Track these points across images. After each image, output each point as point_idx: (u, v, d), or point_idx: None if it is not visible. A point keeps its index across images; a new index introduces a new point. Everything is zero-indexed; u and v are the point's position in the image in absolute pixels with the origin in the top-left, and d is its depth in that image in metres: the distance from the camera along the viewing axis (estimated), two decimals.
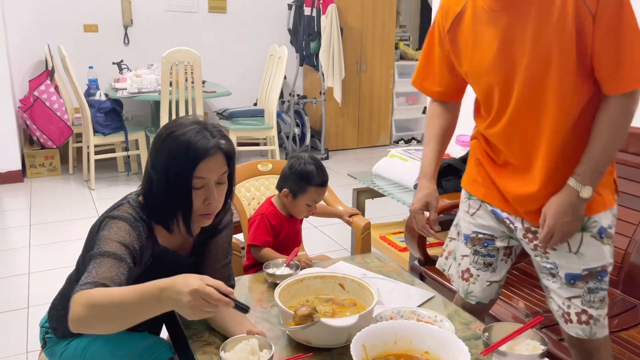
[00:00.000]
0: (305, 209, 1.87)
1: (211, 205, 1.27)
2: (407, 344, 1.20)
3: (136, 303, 1.06)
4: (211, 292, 1.03)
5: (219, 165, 1.26)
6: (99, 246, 1.20)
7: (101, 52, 5.07)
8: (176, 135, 1.23)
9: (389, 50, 5.83)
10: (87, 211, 3.92)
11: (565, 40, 1.20)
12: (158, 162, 1.25)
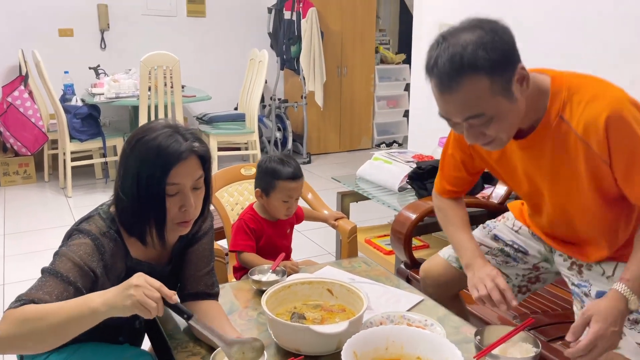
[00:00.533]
0: (282, 206, 1.78)
1: (188, 212, 1.21)
2: (399, 350, 1.17)
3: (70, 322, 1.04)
4: (153, 281, 1.05)
5: (194, 170, 1.20)
6: (53, 262, 1.16)
7: (77, 56, 4.97)
8: (146, 140, 1.18)
9: (369, 54, 5.84)
10: (63, 219, 3.82)
11: (582, 177, 1.25)
12: (128, 170, 1.19)
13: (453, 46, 1.11)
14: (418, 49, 3.28)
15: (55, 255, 1.18)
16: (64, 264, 1.15)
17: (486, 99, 1.12)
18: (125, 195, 1.19)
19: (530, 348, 1.20)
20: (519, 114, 1.19)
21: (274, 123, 5.46)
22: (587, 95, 1.18)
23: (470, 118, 1.16)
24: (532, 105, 1.21)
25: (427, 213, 2.21)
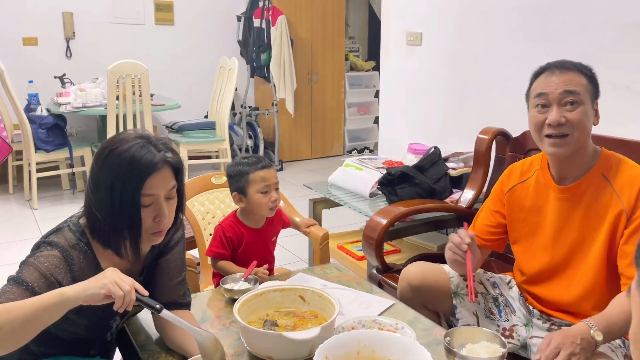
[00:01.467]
0: (263, 199, 1.72)
1: (162, 222, 1.21)
2: (371, 354, 1.19)
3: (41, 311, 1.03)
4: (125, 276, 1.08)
5: (167, 180, 1.20)
6: (20, 271, 1.14)
7: (42, 66, 4.87)
8: (119, 151, 1.17)
9: (339, 61, 5.89)
10: (29, 232, 3.73)
11: (603, 231, 1.41)
12: (101, 182, 1.18)
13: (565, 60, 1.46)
14: (386, 56, 3.33)
15: (22, 265, 1.16)
16: (30, 274, 1.13)
17: (582, 88, 1.39)
18: (99, 209, 1.18)
19: (497, 348, 1.23)
20: (589, 132, 1.41)
21: (245, 131, 5.45)
22: (629, 164, 1.43)
23: (567, 93, 1.39)
24: (583, 160, 1.44)
25: (397, 218, 2.24)
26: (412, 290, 1.66)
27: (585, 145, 1.43)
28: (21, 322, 1.02)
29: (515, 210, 1.59)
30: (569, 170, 1.46)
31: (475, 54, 2.75)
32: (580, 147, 1.41)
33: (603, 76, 2.16)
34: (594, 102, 1.42)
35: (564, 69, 1.41)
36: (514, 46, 2.53)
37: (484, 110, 2.71)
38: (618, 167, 1.42)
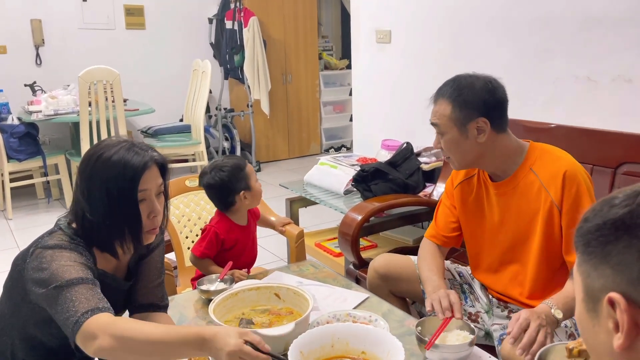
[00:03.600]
0: (260, 186, 1.84)
1: (156, 219, 1.25)
2: (345, 346, 1.22)
3: (174, 345, 1.06)
4: (249, 352, 1.04)
5: (156, 177, 1.24)
6: (56, 279, 1.12)
7: (11, 74, 4.79)
8: (106, 157, 1.20)
9: (313, 60, 5.92)
10: (4, 243, 3.67)
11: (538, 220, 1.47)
12: (93, 188, 1.20)
13: (453, 80, 1.52)
14: (357, 54, 3.37)
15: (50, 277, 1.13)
16: (71, 271, 1.13)
17: (443, 119, 1.47)
18: (95, 214, 1.20)
19: (467, 335, 1.27)
20: (472, 152, 1.48)
21: (221, 133, 5.44)
22: (554, 156, 1.48)
23: (433, 124, 1.52)
24: (511, 158, 1.50)
25: (372, 214, 2.28)
26: (380, 278, 1.74)
27: (485, 155, 1.48)
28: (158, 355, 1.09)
29: (462, 205, 1.64)
30: (496, 170, 1.53)
31: (442, 51, 2.80)
32: (476, 159, 1.50)
33: (565, 68, 2.24)
34: (467, 125, 1.44)
35: (437, 98, 1.50)
36: (480, 42, 2.59)
37: None
38: (544, 159, 1.47)
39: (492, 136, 1.45)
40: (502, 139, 1.48)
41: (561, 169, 1.43)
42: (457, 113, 1.44)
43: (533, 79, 2.37)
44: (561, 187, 1.42)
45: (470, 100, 1.44)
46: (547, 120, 2.18)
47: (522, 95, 2.41)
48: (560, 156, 1.48)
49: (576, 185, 1.41)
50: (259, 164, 5.58)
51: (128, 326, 1.08)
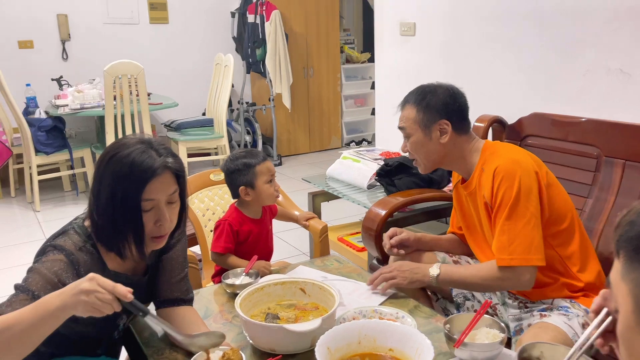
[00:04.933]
0: (270, 189, 1.80)
1: (163, 227, 1.22)
2: (372, 343, 1.21)
3: (30, 316, 1.03)
4: (105, 281, 1.05)
5: (168, 185, 1.21)
6: (26, 279, 1.15)
7: (38, 68, 4.88)
8: (120, 156, 1.18)
9: (334, 54, 5.89)
10: (33, 235, 3.75)
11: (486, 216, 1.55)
12: (103, 187, 1.19)
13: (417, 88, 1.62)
14: (381, 47, 3.34)
15: (29, 272, 1.17)
16: (36, 281, 1.14)
17: (409, 122, 1.59)
18: (101, 214, 1.20)
19: (497, 334, 1.25)
20: (436, 152, 1.58)
21: (242, 127, 5.46)
22: (498, 153, 1.52)
23: (400, 129, 1.63)
24: (470, 158, 1.58)
25: (396, 208, 2.26)
26: None
27: (448, 155, 1.58)
28: (20, 338, 1.04)
29: (458, 206, 1.74)
30: (461, 171, 1.62)
31: (468, 43, 2.75)
32: (439, 160, 1.60)
33: (596, 59, 2.18)
34: (430, 127, 1.55)
35: (404, 104, 1.62)
36: (507, 34, 2.54)
37: (479, 98, 2.71)
38: (492, 158, 1.52)
39: (453, 137, 1.56)
40: (463, 140, 1.57)
41: (493, 167, 1.48)
42: (421, 116, 1.56)
43: (562, 71, 2.32)
44: (491, 185, 1.47)
45: (433, 104, 1.55)
46: (576, 114, 2.13)
47: (551, 88, 2.36)
48: (503, 154, 1.51)
49: (505, 181, 1.44)
50: (280, 157, 5.59)
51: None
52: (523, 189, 1.43)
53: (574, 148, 2.06)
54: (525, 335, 1.40)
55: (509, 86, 2.56)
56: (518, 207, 1.43)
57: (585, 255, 1.55)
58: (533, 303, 1.58)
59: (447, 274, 1.53)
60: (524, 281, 1.45)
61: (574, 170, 2.03)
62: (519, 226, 1.43)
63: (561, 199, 1.54)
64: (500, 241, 1.45)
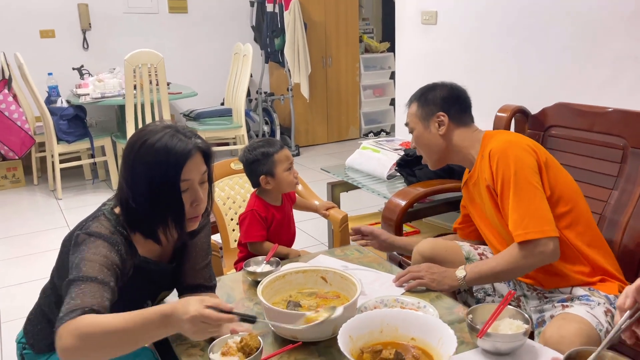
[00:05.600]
0: (289, 176, 1.82)
1: (199, 207, 1.25)
2: (394, 332, 1.20)
3: (137, 331, 1.04)
4: (209, 314, 1.02)
5: (200, 165, 1.24)
6: (79, 269, 1.14)
7: (60, 57, 4.93)
8: (150, 143, 1.19)
9: (353, 43, 5.85)
10: (55, 222, 3.81)
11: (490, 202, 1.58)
12: (137, 174, 1.20)
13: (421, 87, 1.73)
14: (401, 36, 3.30)
15: (78, 264, 1.15)
16: (92, 268, 1.14)
17: (411, 117, 1.69)
18: (138, 202, 1.20)
19: (521, 325, 1.24)
20: (437, 144, 1.65)
21: (261, 117, 5.47)
22: (494, 138, 1.57)
23: (406, 124, 1.73)
24: (472, 149, 1.63)
25: (416, 199, 2.24)
26: (424, 261, 1.71)
27: (450, 148, 1.65)
28: (123, 344, 1.06)
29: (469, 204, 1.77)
30: (464, 162, 1.68)
31: (491, 31, 2.71)
32: (443, 153, 1.66)
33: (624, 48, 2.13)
34: (429, 120, 1.65)
35: (409, 103, 1.72)
36: (532, 22, 2.49)
37: (501, 88, 2.68)
38: (489, 143, 1.56)
39: (451, 128, 1.63)
40: (463, 132, 1.64)
41: (489, 148, 1.53)
42: (420, 110, 1.66)
43: (589, 60, 2.27)
44: (489, 168, 1.52)
45: (431, 98, 1.65)
46: (603, 104, 2.09)
47: (576, 77, 2.32)
48: (499, 138, 1.56)
49: (502, 161, 1.49)
50: (298, 148, 5.59)
51: (86, 322, 1.04)
52: (519, 163, 1.47)
53: (599, 139, 2.02)
54: (548, 327, 1.39)
55: (533, 76, 2.51)
56: (520, 182, 1.46)
57: (593, 239, 1.55)
58: (551, 293, 1.57)
59: (473, 272, 1.51)
60: (549, 252, 1.43)
61: (599, 161, 1.99)
62: (526, 201, 1.45)
63: (563, 181, 1.55)
64: (513, 219, 1.46)
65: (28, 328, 1.41)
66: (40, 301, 1.41)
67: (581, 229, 1.53)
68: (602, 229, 1.89)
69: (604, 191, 1.92)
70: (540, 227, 1.43)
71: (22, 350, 1.43)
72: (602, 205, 1.91)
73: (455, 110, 1.64)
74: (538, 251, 1.43)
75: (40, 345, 1.38)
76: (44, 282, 1.43)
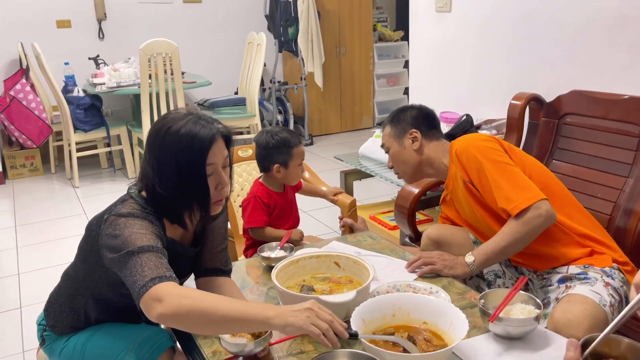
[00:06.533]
0: (298, 171, 1.89)
1: (223, 190, 1.29)
2: (406, 316, 1.22)
3: (236, 322, 1.08)
4: (325, 309, 1.08)
5: (223, 149, 1.27)
6: (127, 245, 1.15)
7: (76, 47, 4.98)
8: (175, 129, 1.22)
9: (367, 32, 5.82)
10: (72, 210, 3.88)
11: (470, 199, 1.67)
12: (164, 160, 1.23)
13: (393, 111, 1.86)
14: (415, 24, 3.28)
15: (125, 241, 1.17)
16: (142, 239, 1.16)
17: (386, 138, 1.81)
18: (166, 187, 1.23)
19: (532, 309, 1.25)
20: (412, 159, 1.76)
21: (274, 106, 5.48)
22: (456, 142, 1.68)
23: (381, 146, 1.84)
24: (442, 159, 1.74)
25: (429, 187, 2.25)
26: (432, 245, 1.77)
27: (424, 161, 1.76)
28: (221, 328, 1.12)
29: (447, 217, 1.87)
30: (438, 175, 1.78)
31: (506, 19, 2.68)
32: (418, 167, 1.77)
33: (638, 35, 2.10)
34: (402, 137, 1.76)
35: (383, 126, 1.84)
36: (547, 8, 2.47)
37: (516, 75, 2.66)
38: (454, 147, 1.67)
39: (423, 143, 1.75)
40: (434, 145, 1.76)
41: (453, 153, 1.66)
42: (394, 130, 1.79)
43: (604, 47, 2.25)
44: (460, 165, 1.63)
45: (402, 118, 1.78)
46: (618, 91, 2.07)
47: (592, 64, 2.29)
48: (458, 141, 1.67)
49: (468, 155, 1.60)
50: (312, 137, 5.60)
51: (194, 296, 1.09)
52: (484, 150, 1.58)
53: (614, 126, 2.00)
54: (555, 311, 1.39)
55: (548, 63, 2.49)
56: (493, 164, 1.55)
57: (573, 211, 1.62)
58: (549, 273, 1.60)
59: (480, 254, 1.54)
60: (544, 213, 1.48)
61: (614, 149, 1.98)
62: (505, 177, 1.54)
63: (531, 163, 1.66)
64: (500, 197, 1.53)
65: (49, 310, 1.45)
66: (62, 284, 1.45)
67: (558, 204, 1.57)
68: (616, 217, 1.88)
69: (618, 179, 1.91)
70: (527, 195, 1.50)
71: (43, 332, 1.47)
72: (617, 193, 1.90)
73: (426, 126, 1.76)
74: (534, 215, 1.49)
75: (61, 327, 1.42)
76: (62, 268, 1.46)
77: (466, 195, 1.66)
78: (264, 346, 1.16)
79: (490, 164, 1.56)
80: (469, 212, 1.71)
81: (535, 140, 2.25)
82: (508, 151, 1.62)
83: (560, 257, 1.58)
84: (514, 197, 1.50)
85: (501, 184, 1.53)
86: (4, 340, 2.35)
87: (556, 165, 2.12)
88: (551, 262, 1.59)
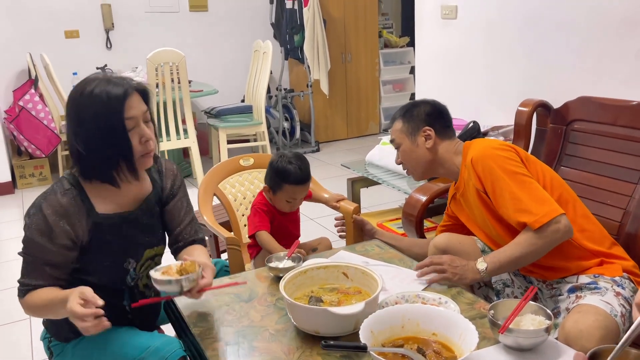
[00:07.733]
0: (286, 205, 1.89)
1: (149, 143, 1.34)
2: (415, 327, 1.21)
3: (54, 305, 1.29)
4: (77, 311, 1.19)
5: (139, 103, 1.33)
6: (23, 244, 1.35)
7: (84, 57, 5.02)
8: (89, 91, 1.29)
9: (372, 39, 5.83)
10: None
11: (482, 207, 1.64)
12: (83, 122, 1.30)
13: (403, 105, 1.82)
14: (421, 31, 3.29)
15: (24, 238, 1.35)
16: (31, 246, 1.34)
17: (396, 134, 1.77)
18: (88, 147, 1.30)
19: (543, 320, 1.24)
20: (424, 158, 1.73)
21: (281, 113, 5.49)
22: (472, 147, 1.66)
23: (391, 141, 1.80)
24: (455, 160, 1.72)
25: (437, 195, 2.24)
26: (440, 253, 1.72)
27: (436, 160, 1.72)
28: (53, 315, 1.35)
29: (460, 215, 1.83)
30: (449, 174, 1.75)
31: (512, 25, 2.68)
32: (429, 165, 1.73)
33: None
34: (415, 134, 1.72)
35: (393, 121, 1.79)
36: (553, 15, 2.46)
37: (523, 82, 2.66)
38: (471, 152, 1.63)
39: (437, 142, 1.71)
40: (447, 144, 1.72)
41: (468, 160, 1.62)
42: (406, 126, 1.74)
43: (612, 53, 2.23)
44: (475, 174, 1.59)
45: (416, 114, 1.73)
46: (627, 97, 2.06)
47: (599, 70, 2.28)
48: (476, 147, 1.63)
49: (485, 165, 1.56)
50: (318, 144, 5.60)
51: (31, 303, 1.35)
52: (501, 160, 1.55)
53: (623, 133, 1.99)
54: (566, 322, 1.38)
55: (555, 69, 2.48)
56: (510, 175, 1.52)
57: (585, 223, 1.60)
58: (558, 283, 1.59)
59: (493, 262, 1.53)
60: (562, 228, 1.47)
61: (623, 155, 1.96)
62: (524, 189, 1.51)
63: (547, 173, 1.63)
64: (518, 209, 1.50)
65: (47, 321, 1.46)
66: None
67: (571, 216, 1.55)
68: (626, 223, 1.87)
69: (628, 186, 1.90)
70: (547, 209, 1.47)
71: (49, 344, 1.47)
72: (627, 200, 1.88)
73: (440, 124, 1.72)
74: (554, 229, 1.47)
75: (64, 333, 1.42)
76: None
77: (477, 203, 1.65)
78: (192, 285, 1.30)
79: (507, 175, 1.53)
80: (480, 217, 1.69)
81: (543, 147, 2.24)
82: (525, 161, 1.60)
83: (571, 268, 1.57)
84: (535, 211, 1.47)
85: (520, 196, 1.50)
86: (15, 351, 2.36)
87: (564, 172, 2.11)
88: (561, 272, 1.58)
